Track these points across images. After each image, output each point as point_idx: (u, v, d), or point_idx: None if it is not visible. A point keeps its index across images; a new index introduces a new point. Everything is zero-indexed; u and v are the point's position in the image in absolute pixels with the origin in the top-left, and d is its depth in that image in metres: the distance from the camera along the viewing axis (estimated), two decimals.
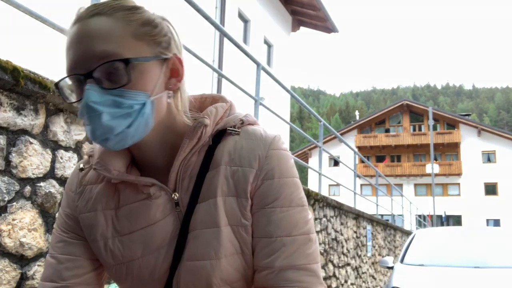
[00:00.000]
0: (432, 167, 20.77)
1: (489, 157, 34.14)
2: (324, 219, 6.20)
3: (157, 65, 0.77)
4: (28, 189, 2.01)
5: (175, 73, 0.80)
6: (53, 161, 2.16)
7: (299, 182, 0.83)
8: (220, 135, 0.83)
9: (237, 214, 0.78)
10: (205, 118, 0.81)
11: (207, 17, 3.84)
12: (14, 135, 1.96)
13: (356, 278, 7.78)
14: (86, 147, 2.40)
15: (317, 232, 5.90)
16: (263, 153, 0.80)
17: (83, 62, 0.72)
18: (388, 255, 10.83)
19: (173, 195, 0.80)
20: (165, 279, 0.79)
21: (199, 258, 0.77)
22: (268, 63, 17.16)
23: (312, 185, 32.43)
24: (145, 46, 0.75)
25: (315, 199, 5.80)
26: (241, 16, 15.25)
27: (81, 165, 0.90)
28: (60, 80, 0.76)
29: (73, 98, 0.76)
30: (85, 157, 0.92)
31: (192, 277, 0.77)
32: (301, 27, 19.05)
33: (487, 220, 32.61)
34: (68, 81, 0.76)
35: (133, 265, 0.81)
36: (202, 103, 0.91)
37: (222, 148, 0.82)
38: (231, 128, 0.83)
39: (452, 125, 35.72)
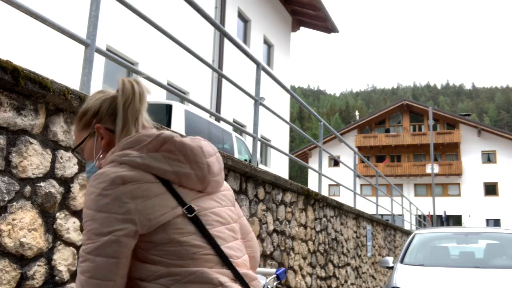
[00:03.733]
0: (432, 167, 20.78)
1: (489, 157, 34.13)
2: (324, 219, 6.20)
3: (91, 139, 1.25)
4: (28, 189, 2.01)
5: (102, 135, 1.22)
6: (53, 161, 2.16)
7: (91, 214, 1.04)
8: None
9: None
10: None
11: (207, 17, 3.84)
12: (14, 135, 1.96)
13: (356, 278, 7.77)
14: None
15: (317, 232, 5.90)
16: None
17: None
18: (388, 255, 10.82)
19: None
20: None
21: None
22: (268, 63, 17.15)
23: (312, 185, 32.41)
24: (84, 132, 1.25)
25: (315, 199, 5.80)
26: (241, 16, 15.24)
27: None
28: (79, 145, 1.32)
29: None
30: None
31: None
32: (301, 27, 19.04)
33: (487, 220, 32.60)
34: None
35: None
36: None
37: None
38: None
39: (452, 125, 35.71)
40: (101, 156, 1.20)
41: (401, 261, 5.22)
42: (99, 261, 1.00)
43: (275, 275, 2.34)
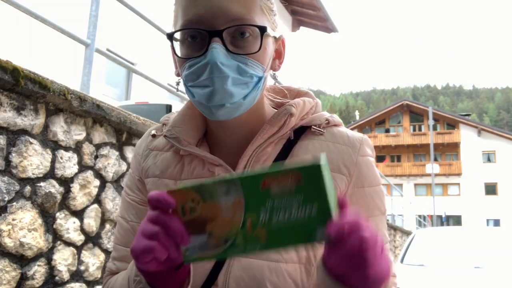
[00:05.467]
0: (432, 167, 20.77)
1: (489, 157, 34.13)
2: None
3: (272, 43, 0.74)
4: (28, 189, 2.01)
5: (278, 54, 0.78)
6: (53, 161, 2.16)
7: (382, 188, 0.80)
8: (301, 131, 0.78)
9: None
10: (292, 107, 0.77)
11: None
12: (14, 135, 1.96)
13: None
14: (86, 147, 2.40)
15: None
16: (352, 159, 0.76)
17: (211, 19, 0.67)
18: None
19: None
20: (211, 268, 0.73)
21: (258, 257, 0.70)
22: None
23: None
24: (266, 20, 0.72)
25: None
26: None
27: (154, 131, 0.86)
28: (177, 31, 0.70)
29: (181, 53, 0.71)
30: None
31: (244, 274, 0.70)
32: (301, 27, 19.04)
33: (487, 220, 32.60)
34: (177, 34, 0.71)
35: None
36: (290, 95, 0.87)
37: (305, 147, 0.76)
38: (315, 127, 0.78)
39: (452, 125, 35.71)
40: (265, 74, 0.74)
41: (401, 261, 5.23)
42: None
43: None
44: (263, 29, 0.68)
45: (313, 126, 0.78)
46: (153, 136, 0.85)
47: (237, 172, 0.75)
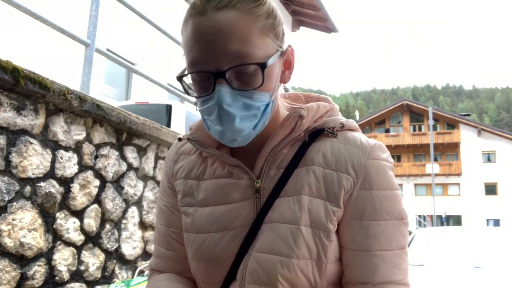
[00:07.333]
0: (432, 167, 20.77)
1: (489, 157, 34.13)
2: None
3: (277, 60, 0.75)
4: (28, 189, 2.01)
5: (288, 65, 0.78)
6: (53, 161, 2.16)
7: (398, 195, 0.78)
8: (316, 134, 0.80)
9: (321, 218, 0.74)
10: (302, 109, 0.79)
11: None
12: (14, 135, 1.96)
13: None
14: (86, 147, 2.40)
15: None
16: (361, 161, 0.76)
17: (215, 60, 0.69)
18: None
19: (255, 182, 0.78)
20: (230, 264, 0.76)
21: (271, 252, 0.73)
22: None
23: None
24: (269, 41, 0.73)
25: None
26: None
27: (181, 136, 0.91)
28: (185, 75, 0.74)
29: (194, 93, 0.75)
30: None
31: (259, 269, 0.73)
32: (301, 27, 19.04)
33: (487, 220, 32.60)
34: (187, 77, 0.75)
35: (203, 239, 0.79)
36: (307, 101, 0.89)
37: (317, 148, 0.79)
38: (329, 130, 0.80)
39: (452, 125, 35.71)
40: (273, 98, 0.75)
41: None
42: None
43: None
44: (263, 65, 0.70)
45: (326, 129, 0.80)
46: (179, 139, 0.91)
47: (255, 173, 0.79)
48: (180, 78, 0.75)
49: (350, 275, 0.75)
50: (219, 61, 0.69)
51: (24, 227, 1.97)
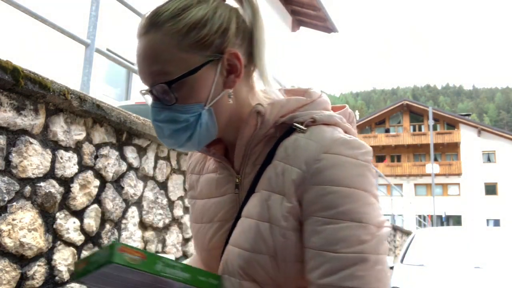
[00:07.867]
0: (432, 167, 20.77)
1: (489, 157, 34.15)
2: None
3: (211, 68, 0.75)
4: (28, 189, 2.01)
5: (233, 69, 0.76)
6: (53, 161, 2.16)
7: (361, 195, 0.70)
8: (292, 130, 0.78)
9: (278, 213, 0.72)
10: (259, 105, 0.78)
11: None
12: (14, 135, 1.96)
13: None
14: (86, 147, 2.40)
15: None
16: (314, 155, 0.72)
17: (144, 80, 0.77)
18: (388, 255, 10.81)
19: (236, 178, 0.81)
20: (220, 255, 0.79)
21: (235, 244, 0.76)
22: None
23: None
24: (193, 55, 0.74)
25: None
26: None
27: None
28: (144, 92, 0.80)
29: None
30: None
31: (228, 260, 0.76)
32: (301, 27, 19.04)
33: (487, 220, 32.61)
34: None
35: (197, 229, 0.88)
36: (287, 95, 0.85)
37: (283, 143, 0.77)
38: (296, 124, 0.77)
39: (452, 125, 35.74)
40: (230, 101, 0.77)
41: (401, 261, 5.23)
42: (385, 262, 0.72)
43: None
44: (169, 83, 0.73)
45: (293, 124, 0.77)
46: None
47: (235, 169, 0.83)
48: (142, 93, 0.81)
49: (305, 273, 0.72)
50: (147, 81, 0.77)
51: (24, 227, 1.98)
